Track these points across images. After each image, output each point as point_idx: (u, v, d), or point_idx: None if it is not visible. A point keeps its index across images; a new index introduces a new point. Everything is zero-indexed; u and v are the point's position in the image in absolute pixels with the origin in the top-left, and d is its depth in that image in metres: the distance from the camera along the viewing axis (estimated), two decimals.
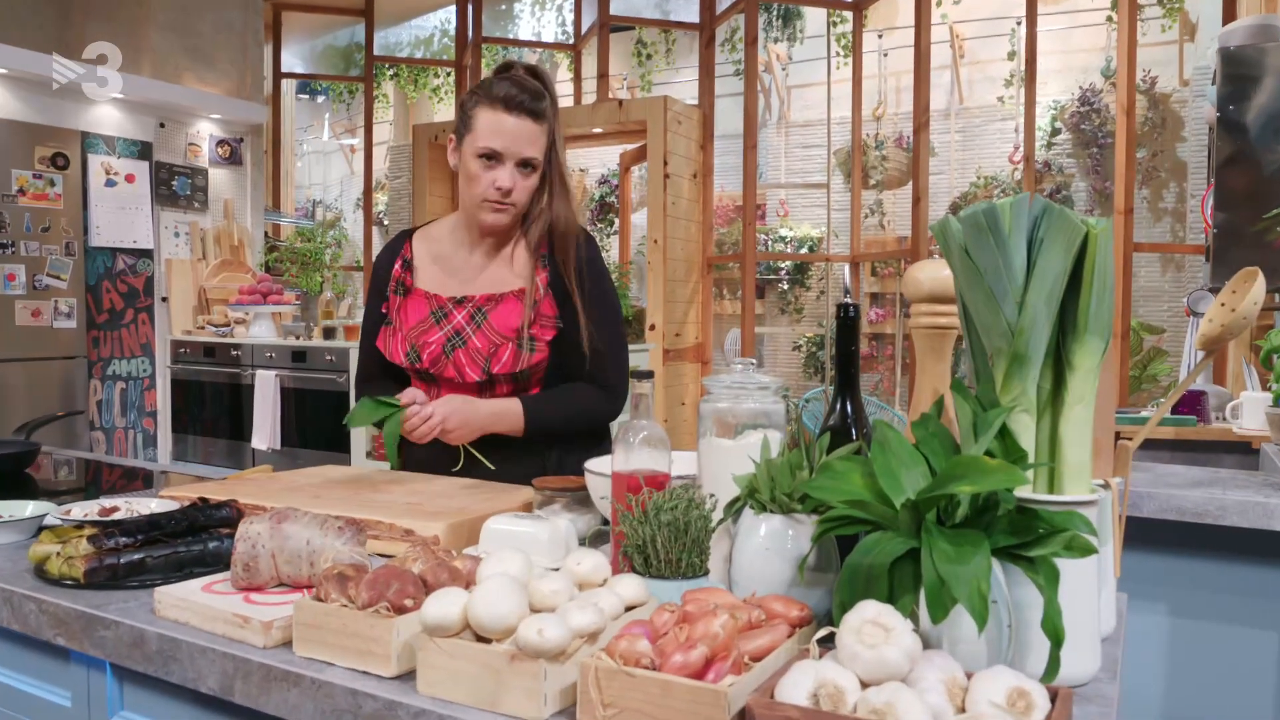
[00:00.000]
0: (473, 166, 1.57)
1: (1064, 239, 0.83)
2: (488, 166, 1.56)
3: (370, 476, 1.60)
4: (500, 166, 1.56)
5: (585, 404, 1.63)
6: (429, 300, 1.68)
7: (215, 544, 1.16)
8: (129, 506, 1.37)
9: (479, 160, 1.56)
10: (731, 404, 1.11)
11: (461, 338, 1.63)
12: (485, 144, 1.55)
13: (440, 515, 1.30)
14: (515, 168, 1.57)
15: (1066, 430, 0.86)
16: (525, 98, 1.55)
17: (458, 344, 1.62)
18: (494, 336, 1.61)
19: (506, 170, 1.56)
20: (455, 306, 1.65)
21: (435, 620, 0.78)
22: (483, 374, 1.60)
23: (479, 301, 1.64)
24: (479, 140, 1.55)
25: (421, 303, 1.68)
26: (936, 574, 0.73)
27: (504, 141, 1.54)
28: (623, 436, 1.12)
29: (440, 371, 1.62)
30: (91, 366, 4.56)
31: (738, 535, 1.00)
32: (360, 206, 9.35)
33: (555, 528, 1.22)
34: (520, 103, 1.54)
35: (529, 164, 1.58)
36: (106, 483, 1.99)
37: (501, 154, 1.55)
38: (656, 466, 1.11)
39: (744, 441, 1.10)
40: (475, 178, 1.58)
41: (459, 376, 1.61)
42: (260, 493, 1.43)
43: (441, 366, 1.62)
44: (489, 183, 1.56)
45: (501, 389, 1.62)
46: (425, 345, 1.64)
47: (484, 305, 1.64)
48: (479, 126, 1.56)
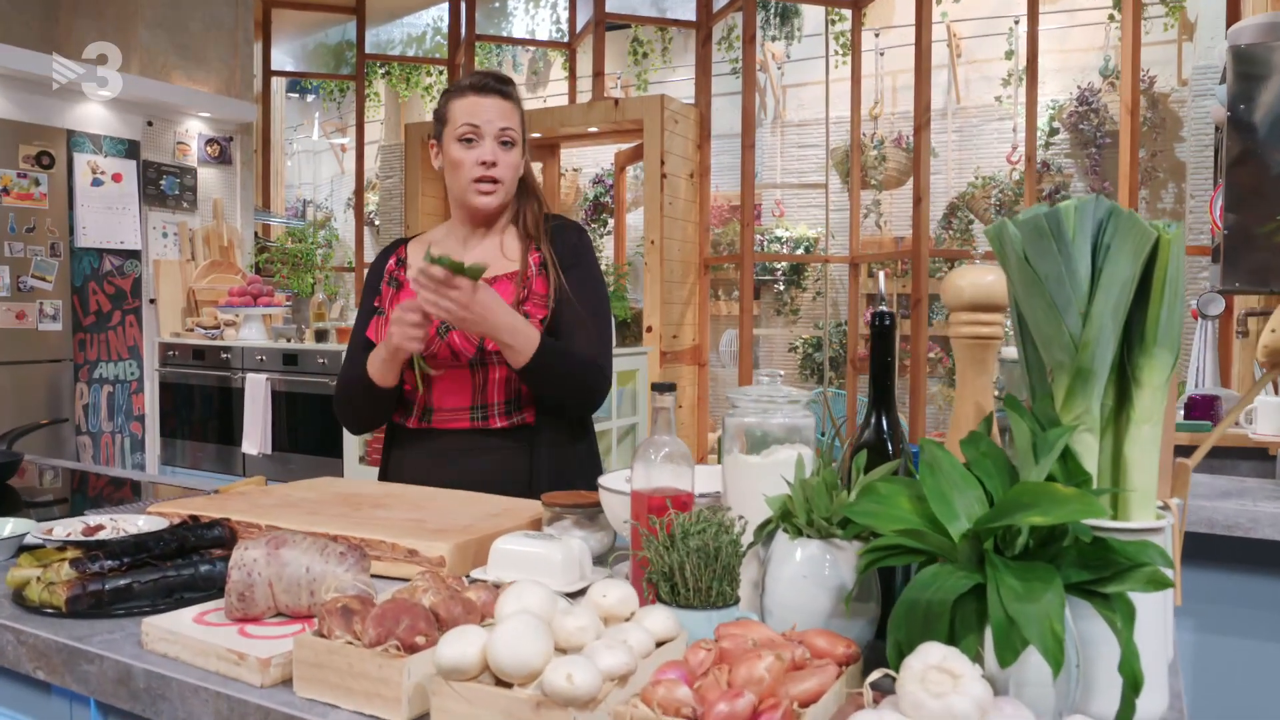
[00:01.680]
0: (455, 153, 1.59)
1: (1132, 244, 0.77)
2: (469, 147, 1.58)
3: (368, 490, 1.53)
4: (480, 143, 1.58)
5: (586, 368, 1.59)
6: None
7: (207, 568, 1.09)
8: (115, 525, 1.29)
9: (460, 144, 1.59)
10: (760, 418, 1.04)
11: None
12: (463, 123, 1.57)
13: (445, 534, 1.23)
14: (496, 143, 1.58)
15: (1132, 451, 0.80)
16: (492, 80, 1.60)
17: (451, 325, 1.57)
18: None
19: (488, 145, 1.58)
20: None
21: (451, 662, 0.71)
22: (476, 351, 1.57)
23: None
24: (457, 124, 1.58)
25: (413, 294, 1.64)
26: (1005, 613, 0.67)
27: (481, 117, 1.57)
28: (642, 453, 1.05)
29: (434, 352, 1.59)
30: (78, 370, 4.46)
31: (770, 561, 0.94)
32: (351, 206, 9.26)
33: (569, 549, 1.15)
34: (488, 85, 1.60)
35: (508, 140, 1.60)
36: (93, 489, 1.91)
37: (480, 128, 1.58)
38: (679, 485, 1.04)
39: (773, 458, 1.04)
40: (459, 162, 1.59)
41: (452, 357, 1.59)
42: (253, 509, 1.35)
43: (435, 347, 1.59)
44: (473, 161, 1.58)
45: (495, 370, 1.59)
46: None
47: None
48: (453, 115, 1.60)
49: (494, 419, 1.59)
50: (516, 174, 1.63)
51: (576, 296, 1.59)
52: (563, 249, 1.62)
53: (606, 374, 1.62)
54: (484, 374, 1.59)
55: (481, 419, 1.60)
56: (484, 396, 1.59)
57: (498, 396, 1.60)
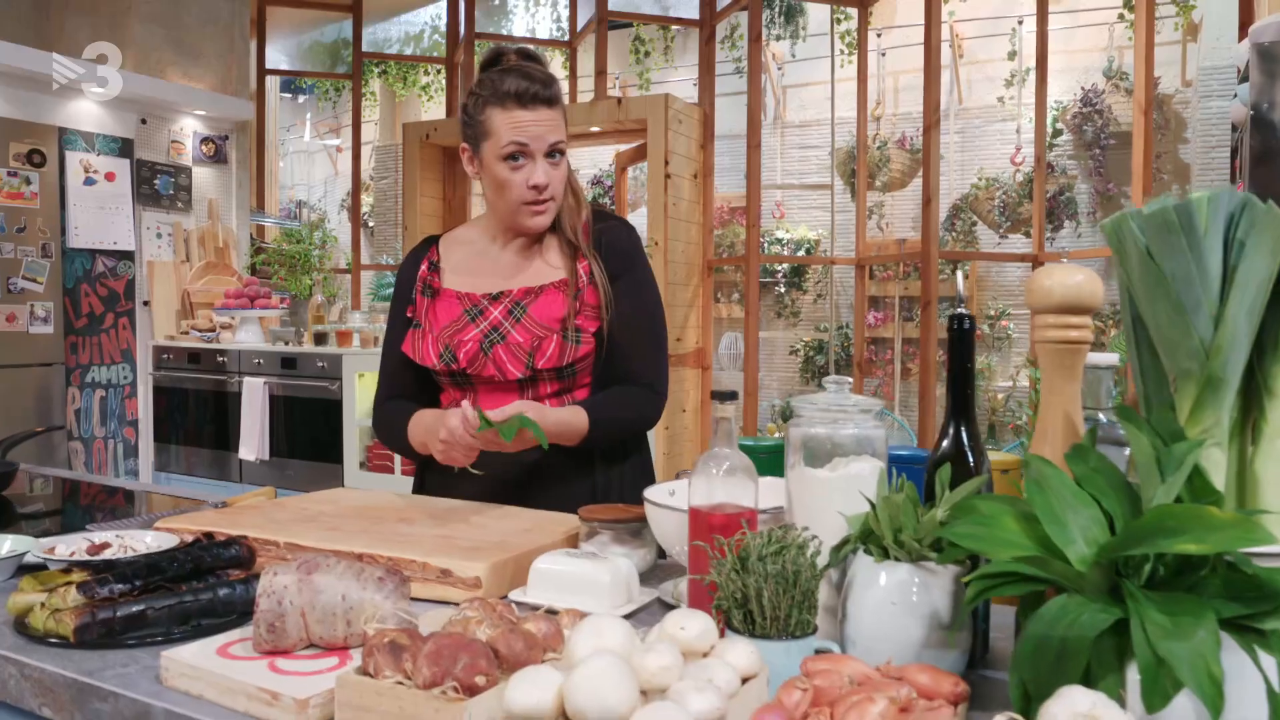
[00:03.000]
0: (500, 172, 1.45)
1: (1270, 240, 0.69)
2: (516, 167, 1.44)
3: (388, 503, 1.44)
4: (530, 162, 1.44)
5: (639, 406, 1.50)
6: (461, 299, 1.54)
7: (225, 591, 1.00)
8: (121, 543, 1.20)
9: (505, 164, 1.44)
10: (830, 429, 0.96)
11: (500, 333, 1.49)
12: (510, 143, 1.43)
13: (479, 552, 1.14)
14: (545, 160, 1.45)
15: (1265, 468, 0.72)
16: (537, 88, 1.44)
17: (496, 340, 1.48)
18: (536, 329, 1.47)
19: (538, 166, 1.44)
20: (491, 302, 1.52)
21: (525, 709, 0.63)
22: (526, 369, 1.45)
23: (516, 295, 1.51)
24: (501, 143, 1.43)
25: (453, 302, 1.55)
26: (1154, 653, 0.59)
27: (529, 136, 1.43)
28: (703, 467, 0.97)
29: (479, 371, 1.48)
30: (69, 374, 4.35)
31: (851, 586, 0.86)
32: (345, 207, 9.14)
33: (617, 569, 1.07)
34: (534, 94, 1.43)
35: (557, 151, 1.47)
36: (85, 497, 1.82)
37: (529, 148, 1.43)
38: (743, 501, 0.96)
39: (845, 472, 0.96)
40: (506, 183, 1.46)
41: (499, 374, 1.47)
42: (269, 525, 1.27)
43: (480, 365, 1.47)
44: (522, 183, 1.45)
45: (545, 387, 1.48)
46: (460, 344, 1.49)
47: (522, 299, 1.51)
48: (496, 129, 1.44)
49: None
50: (565, 185, 1.50)
51: (631, 308, 1.49)
52: (610, 255, 1.51)
53: (662, 394, 1.54)
54: (533, 392, 1.49)
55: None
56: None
57: None
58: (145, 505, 1.75)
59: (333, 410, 3.99)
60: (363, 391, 3.99)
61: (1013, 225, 6.54)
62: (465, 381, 1.50)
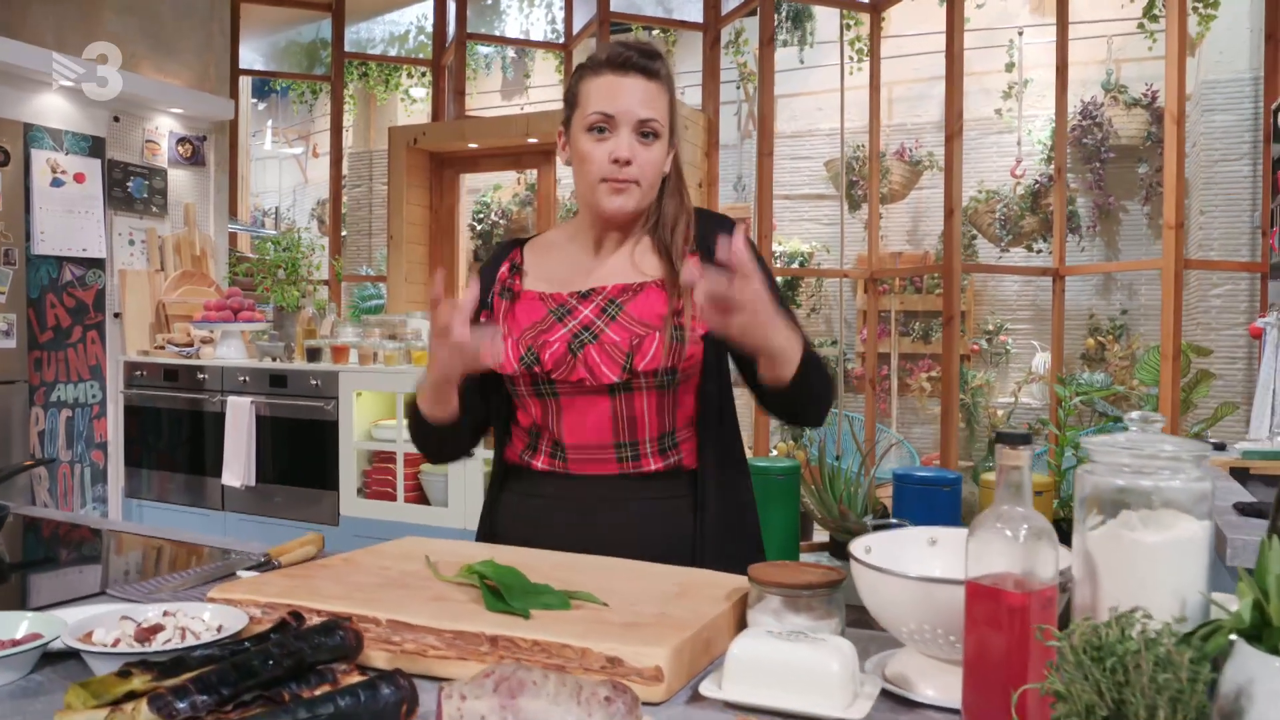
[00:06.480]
0: (583, 144, 1.27)
1: None
2: (600, 139, 1.26)
3: (474, 554, 1.19)
4: (614, 134, 1.26)
5: (829, 373, 1.26)
6: (545, 300, 1.33)
7: (348, 701, 0.75)
8: (175, 623, 0.94)
9: (589, 135, 1.26)
10: (1153, 481, 0.74)
11: (591, 332, 1.27)
12: (595, 109, 1.25)
13: (645, 630, 0.90)
14: (633, 134, 1.25)
15: None
16: (634, 54, 1.27)
17: (587, 339, 1.26)
18: (635, 327, 1.26)
19: (623, 138, 1.25)
20: (580, 301, 1.31)
21: None
22: (623, 371, 1.24)
23: (611, 292, 1.30)
24: (587, 110, 1.26)
25: (535, 304, 1.34)
26: None
27: (616, 104, 1.25)
28: (990, 529, 0.74)
29: (565, 375, 1.26)
30: (33, 392, 3.99)
31: (1247, 697, 0.64)
32: (315, 216, 8.78)
33: (843, 655, 0.84)
34: (629, 60, 1.26)
35: (650, 131, 1.26)
36: (84, 544, 1.53)
37: (615, 117, 1.25)
38: (1044, 575, 0.74)
39: (1174, 536, 0.74)
40: (587, 156, 1.27)
41: (590, 377, 1.25)
42: (355, 594, 1.01)
43: (567, 369, 1.26)
44: (603, 157, 1.25)
45: (642, 396, 1.26)
46: (545, 345, 1.27)
47: (617, 297, 1.30)
48: (586, 97, 1.27)
49: (646, 459, 1.27)
50: (659, 173, 1.29)
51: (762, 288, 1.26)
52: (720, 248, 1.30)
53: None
54: (627, 402, 1.26)
55: (632, 459, 1.27)
56: (632, 431, 1.26)
57: (650, 431, 1.27)
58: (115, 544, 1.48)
59: (328, 432, 3.69)
60: (361, 412, 3.70)
61: (1014, 239, 6.45)
62: (549, 390, 1.28)
